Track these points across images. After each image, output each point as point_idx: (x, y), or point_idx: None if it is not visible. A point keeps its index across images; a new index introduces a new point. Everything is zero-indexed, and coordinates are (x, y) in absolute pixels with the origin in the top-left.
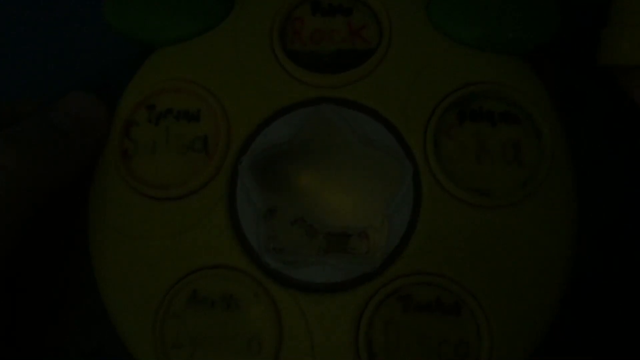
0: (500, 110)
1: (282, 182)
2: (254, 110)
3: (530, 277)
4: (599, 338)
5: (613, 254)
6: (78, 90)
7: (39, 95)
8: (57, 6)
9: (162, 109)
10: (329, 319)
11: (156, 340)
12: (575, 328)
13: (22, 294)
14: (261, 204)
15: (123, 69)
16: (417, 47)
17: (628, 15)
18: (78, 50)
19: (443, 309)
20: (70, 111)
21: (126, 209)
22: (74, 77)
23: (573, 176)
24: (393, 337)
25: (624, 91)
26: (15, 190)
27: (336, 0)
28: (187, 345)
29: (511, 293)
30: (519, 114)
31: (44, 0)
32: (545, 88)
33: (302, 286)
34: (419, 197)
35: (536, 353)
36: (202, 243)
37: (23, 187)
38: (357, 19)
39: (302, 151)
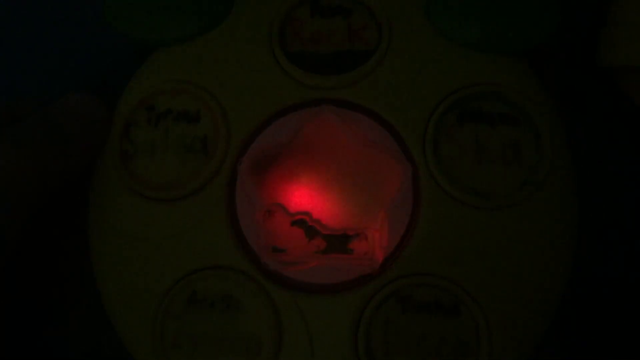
0: (500, 111)
1: (281, 183)
2: (253, 111)
3: (529, 278)
4: (599, 338)
5: (613, 254)
6: (78, 90)
7: (39, 95)
8: (57, 6)
9: (161, 110)
10: (328, 320)
11: (156, 341)
12: (575, 328)
13: (22, 293)
14: (260, 205)
15: (122, 70)
16: (416, 48)
17: (627, 15)
18: (78, 51)
19: (442, 310)
20: (70, 111)
21: (125, 209)
22: (73, 78)
23: (573, 177)
24: (392, 337)
25: (623, 91)
26: (15, 191)
27: (335, 1)
28: (186, 345)
29: (510, 294)
30: (518, 115)
31: (44, 1)
32: (545, 88)
33: (302, 287)
34: (418, 198)
35: (536, 353)
36: (202, 244)
37: (23, 188)
38: (356, 20)
39: (302, 152)
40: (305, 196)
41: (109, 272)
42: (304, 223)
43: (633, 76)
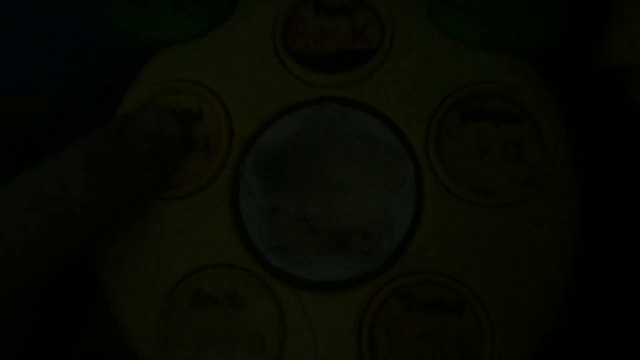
0: (503, 109)
1: (284, 182)
2: (256, 110)
3: (532, 276)
4: (599, 338)
5: (613, 254)
6: (150, 103)
7: (44, 94)
8: (60, 7)
9: None
10: (331, 317)
11: (160, 339)
12: (575, 328)
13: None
14: (264, 203)
15: (125, 70)
16: (419, 46)
17: (629, 15)
18: (81, 51)
19: (445, 308)
20: (145, 128)
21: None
22: (77, 77)
23: (575, 175)
24: (395, 335)
25: (624, 91)
26: (80, 223)
27: (338, 0)
28: (191, 343)
29: (513, 292)
30: (521, 114)
31: (48, 1)
32: (547, 87)
33: (305, 285)
34: (421, 196)
35: (538, 352)
36: (206, 242)
37: (88, 221)
38: (359, 19)
39: (305, 150)
40: (309, 194)
41: (113, 271)
42: (307, 221)
43: (635, 75)
